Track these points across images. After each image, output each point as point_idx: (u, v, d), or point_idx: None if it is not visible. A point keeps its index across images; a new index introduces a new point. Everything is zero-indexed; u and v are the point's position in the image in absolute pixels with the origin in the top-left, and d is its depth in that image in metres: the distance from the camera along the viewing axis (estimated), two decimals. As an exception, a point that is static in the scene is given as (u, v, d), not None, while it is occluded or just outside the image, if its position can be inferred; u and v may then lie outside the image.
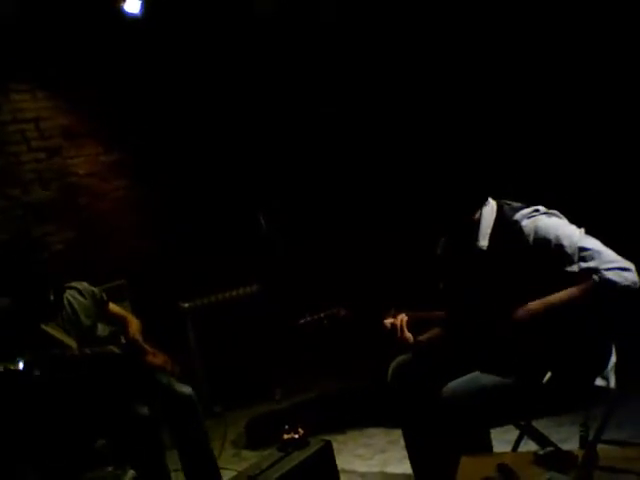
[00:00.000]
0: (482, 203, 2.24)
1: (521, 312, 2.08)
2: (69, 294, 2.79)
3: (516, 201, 2.25)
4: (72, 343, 2.60)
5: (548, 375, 2.05)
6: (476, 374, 2.20)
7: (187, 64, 4.66)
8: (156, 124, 4.66)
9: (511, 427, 2.40)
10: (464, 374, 2.22)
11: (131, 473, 2.78)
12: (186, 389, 2.78)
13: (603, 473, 1.72)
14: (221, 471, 2.99)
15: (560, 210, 2.17)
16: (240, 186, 4.74)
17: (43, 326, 2.59)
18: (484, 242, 2.21)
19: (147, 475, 2.60)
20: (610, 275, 1.94)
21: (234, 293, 4.28)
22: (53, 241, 4.05)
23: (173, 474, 2.78)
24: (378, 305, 2.47)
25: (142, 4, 4.06)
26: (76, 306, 2.77)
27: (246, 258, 4.37)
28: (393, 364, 2.50)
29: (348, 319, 2.45)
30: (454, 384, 2.18)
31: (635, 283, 1.94)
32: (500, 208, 2.23)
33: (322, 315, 2.45)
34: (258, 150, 4.76)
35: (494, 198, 2.27)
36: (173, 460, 2.82)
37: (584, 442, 1.95)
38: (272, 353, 4.18)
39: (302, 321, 2.46)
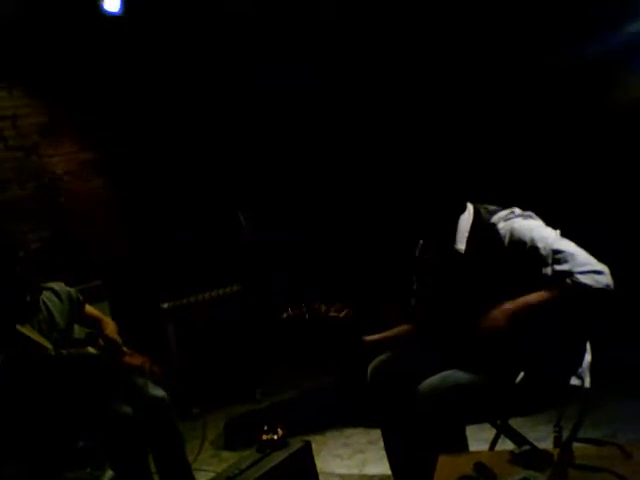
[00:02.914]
0: (461, 209, 2.26)
1: (498, 314, 2.08)
2: (45, 295, 2.74)
3: (492, 204, 2.27)
4: (48, 345, 2.57)
5: (521, 375, 2.08)
6: (452, 371, 2.21)
7: (166, 63, 4.62)
8: (135, 123, 4.63)
9: (487, 426, 2.42)
10: (441, 372, 2.23)
11: (109, 474, 2.75)
12: (159, 392, 2.73)
13: (578, 471, 1.74)
14: (200, 472, 2.98)
15: (535, 212, 2.20)
16: (220, 186, 4.72)
17: (19, 327, 2.55)
18: (462, 245, 2.23)
19: (128, 476, 2.58)
20: (583, 279, 1.96)
21: (214, 294, 4.26)
22: (30, 240, 4.01)
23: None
24: (355, 303, 2.49)
25: (122, 3, 4.03)
26: (51, 307, 2.72)
27: (226, 258, 4.35)
28: (372, 364, 2.51)
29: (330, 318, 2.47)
30: (430, 381, 2.20)
31: (608, 286, 1.96)
32: (477, 211, 2.26)
33: (303, 308, 2.47)
34: (238, 149, 4.74)
35: (471, 201, 2.29)
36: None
37: (558, 442, 1.98)
38: (252, 353, 4.16)
39: (284, 315, 2.49)
